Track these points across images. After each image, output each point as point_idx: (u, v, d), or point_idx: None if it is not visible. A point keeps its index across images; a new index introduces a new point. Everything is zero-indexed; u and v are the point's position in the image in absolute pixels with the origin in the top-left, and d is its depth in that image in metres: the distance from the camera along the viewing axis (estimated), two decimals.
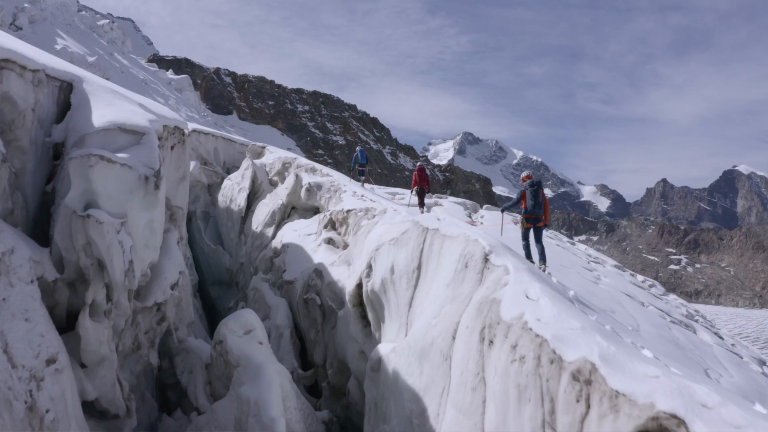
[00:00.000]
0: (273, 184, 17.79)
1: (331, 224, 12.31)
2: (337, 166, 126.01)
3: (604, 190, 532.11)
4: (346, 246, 11.27)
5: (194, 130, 20.44)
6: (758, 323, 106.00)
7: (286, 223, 14.48)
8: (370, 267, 7.45)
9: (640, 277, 42.95)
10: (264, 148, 21.31)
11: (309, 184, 14.43)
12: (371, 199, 12.59)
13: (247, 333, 7.34)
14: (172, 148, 9.88)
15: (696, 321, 32.26)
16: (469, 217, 39.38)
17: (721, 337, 29.98)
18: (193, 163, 19.07)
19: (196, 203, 19.19)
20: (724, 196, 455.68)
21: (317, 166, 17.34)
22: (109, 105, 6.69)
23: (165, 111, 10.19)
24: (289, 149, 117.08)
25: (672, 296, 39.29)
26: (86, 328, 5.60)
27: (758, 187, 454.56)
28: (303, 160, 17.88)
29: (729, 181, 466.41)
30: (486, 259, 5.39)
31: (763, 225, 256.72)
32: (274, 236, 14.28)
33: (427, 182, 12.79)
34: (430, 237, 6.37)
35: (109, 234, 5.39)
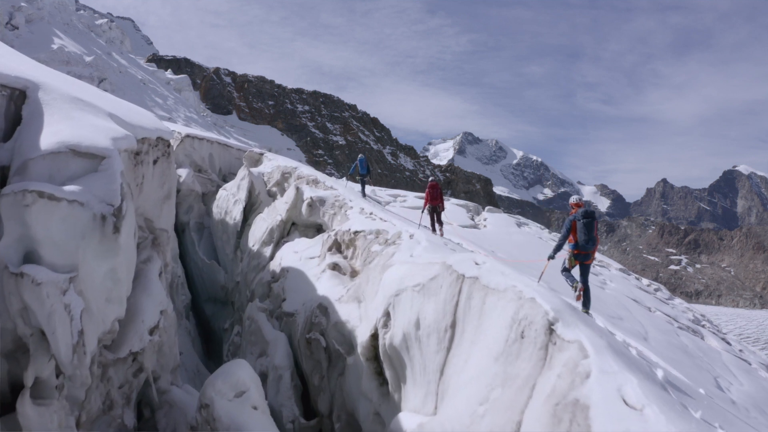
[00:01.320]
0: (272, 196, 16.48)
1: (336, 246, 10.92)
2: (337, 166, 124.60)
3: (604, 190, 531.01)
4: (353, 272, 9.92)
5: (188, 136, 18.97)
6: (758, 324, 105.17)
7: (285, 241, 13.13)
8: (388, 315, 6.12)
9: (645, 281, 41.46)
10: (262, 155, 19.92)
11: (311, 198, 13.08)
12: (381, 218, 11.21)
13: (238, 395, 6.01)
14: (155, 162, 8.52)
15: (703, 326, 30.80)
16: (472, 219, 38.07)
17: (728, 343, 28.52)
18: (185, 171, 17.67)
19: (189, 213, 17.82)
20: (724, 196, 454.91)
21: (320, 176, 16.00)
22: (66, 119, 5.33)
23: (147, 119, 8.83)
24: (289, 149, 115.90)
25: (678, 300, 37.89)
26: (27, 416, 4.26)
27: (758, 187, 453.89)
28: (304, 170, 16.55)
29: (729, 181, 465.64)
30: (551, 330, 4.07)
31: (764, 225, 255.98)
32: (272, 257, 12.91)
33: (441, 200, 11.30)
34: (468, 288, 5.04)
35: (50, 298, 4.04)
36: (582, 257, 6.36)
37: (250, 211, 16.17)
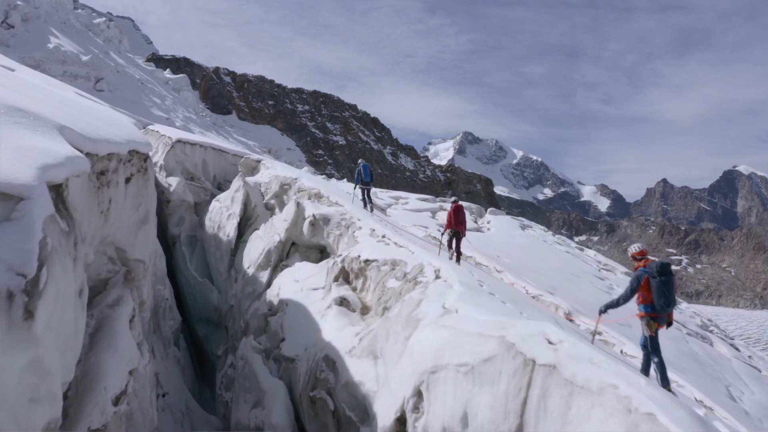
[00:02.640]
0: (269, 209, 14.97)
1: (344, 275, 9.32)
2: (337, 166, 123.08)
3: (604, 190, 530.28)
4: (364, 308, 8.39)
5: (179, 141, 17.43)
6: (759, 324, 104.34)
7: (284, 265, 11.49)
8: (419, 395, 4.63)
9: None
10: (259, 162, 18.30)
11: (314, 216, 11.45)
12: (396, 243, 9.61)
13: None
14: (128, 181, 6.98)
15: (711, 331, 29.41)
16: (476, 222, 36.68)
17: (737, 348, 27.04)
18: (176, 180, 16.27)
19: (180, 226, 16.46)
20: (724, 196, 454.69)
21: (323, 190, 14.34)
22: None
23: (119, 128, 7.30)
24: (288, 149, 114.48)
25: (684, 305, 36.48)
26: None
27: (758, 187, 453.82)
28: (305, 182, 14.96)
29: (729, 181, 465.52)
30: None
31: (764, 225, 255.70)
32: (269, 283, 11.35)
33: (464, 224, 9.66)
34: (542, 380, 3.56)
35: None
36: (661, 321, 4.99)
37: (245, 225, 14.67)
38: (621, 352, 11.65)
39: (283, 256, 11.85)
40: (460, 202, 10.21)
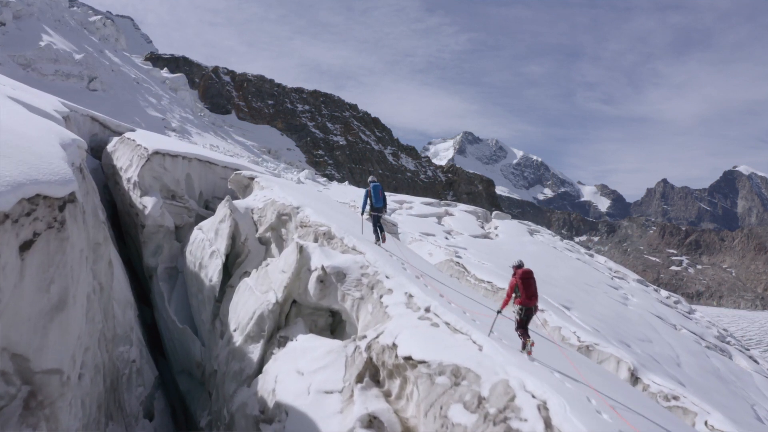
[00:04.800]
0: (264, 243, 12.07)
1: (371, 371, 6.55)
2: (338, 167, 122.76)
3: (604, 190, 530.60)
4: (406, 430, 5.91)
5: (156, 153, 14.43)
6: (761, 326, 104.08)
7: (282, 337, 8.75)
8: None
9: (664, 293, 39.64)
10: (252, 180, 14.89)
11: (323, 269, 8.51)
12: (448, 323, 6.55)
13: None
14: (27, 246, 4.46)
15: (728, 343, 29.12)
16: (482, 227, 36.07)
17: (756, 361, 26.73)
18: (152, 200, 13.59)
19: (157, 256, 13.59)
20: (724, 196, 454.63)
21: (335, 228, 10.39)
22: None
23: (19, 156, 4.80)
24: (288, 149, 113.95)
25: (698, 314, 35.99)
26: None
27: (759, 187, 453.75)
28: (310, 213, 11.26)
29: (729, 181, 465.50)
30: None
31: (764, 226, 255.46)
32: (261, 363, 8.61)
33: (537, 296, 6.87)
34: None
35: None
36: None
37: (233, 262, 11.92)
38: (705, 424, 10.31)
39: (280, 322, 9.11)
40: (526, 266, 6.97)
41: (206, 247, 11.96)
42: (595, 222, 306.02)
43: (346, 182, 62.02)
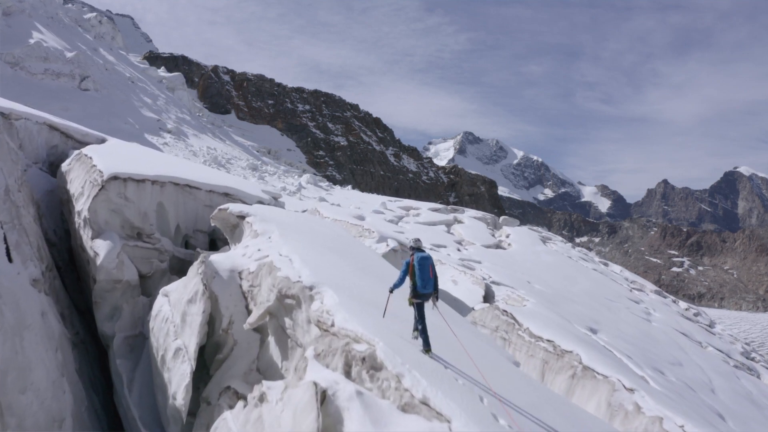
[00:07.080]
0: (260, 331, 7.82)
1: None
2: (339, 168, 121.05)
3: (604, 190, 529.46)
4: None
5: (114, 178, 10.55)
6: (763, 327, 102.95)
7: None
8: None
9: (683, 304, 38.08)
10: (242, 219, 10.49)
11: None
12: None
13: None
14: None
15: (755, 360, 27.89)
16: (493, 235, 34.34)
17: None
18: (105, 244, 9.94)
19: (114, 321, 9.88)
20: (725, 197, 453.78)
21: (381, 349, 5.25)
22: None
23: None
24: (289, 150, 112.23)
25: (719, 327, 34.50)
26: None
27: (759, 188, 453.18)
28: (333, 304, 6.30)
29: (730, 182, 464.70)
30: None
31: (765, 227, 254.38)
32: None
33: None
34: None
35: None
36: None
37: (212, 357, 8.04)
38: None
39: None
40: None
41: (170, 333, 7.87)
42: (596, 223, 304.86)
43: (350, 186, 60.31)
